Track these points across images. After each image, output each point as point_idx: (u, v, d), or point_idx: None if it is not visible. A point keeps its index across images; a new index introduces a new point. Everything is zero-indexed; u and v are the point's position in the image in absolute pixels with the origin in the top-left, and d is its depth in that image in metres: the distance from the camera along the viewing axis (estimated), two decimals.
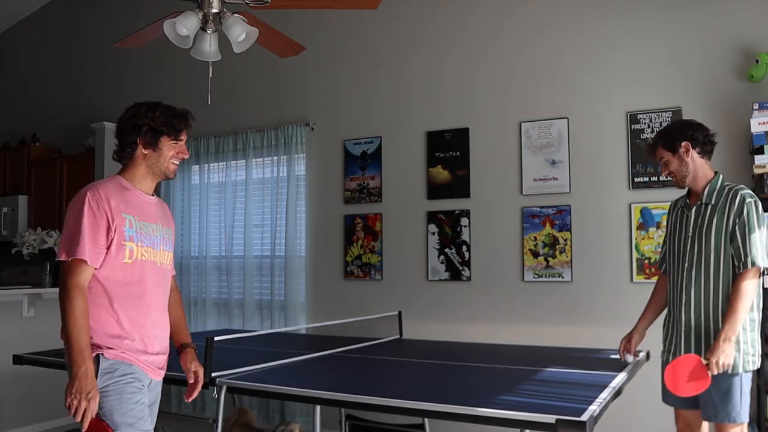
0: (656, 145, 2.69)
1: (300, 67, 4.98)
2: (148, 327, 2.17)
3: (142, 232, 2.16)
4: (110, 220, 2.05)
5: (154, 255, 2.20)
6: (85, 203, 2.04)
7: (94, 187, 2.09)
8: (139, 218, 2.15)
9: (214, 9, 3.08)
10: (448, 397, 2.22)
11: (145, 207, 2.21)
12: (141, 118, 2.15)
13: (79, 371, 1.96)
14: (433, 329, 4.27)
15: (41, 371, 4.04)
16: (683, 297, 2.59)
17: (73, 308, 2.03)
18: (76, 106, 6.28)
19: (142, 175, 2.21)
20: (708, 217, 2.56)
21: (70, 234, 2.03)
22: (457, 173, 4.44)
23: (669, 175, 2.67)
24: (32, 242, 5.13)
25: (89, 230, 2.02)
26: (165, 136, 2.18)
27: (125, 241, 2.09)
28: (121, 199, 2.12)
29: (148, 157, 2.19)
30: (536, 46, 4.24)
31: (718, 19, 3.73)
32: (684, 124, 2.70)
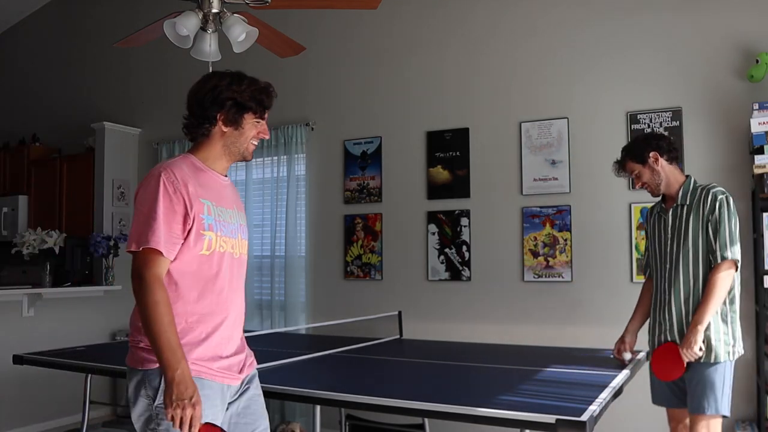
0: (624, 160, 2.79)
1: (300, 67, 4.98)
2: (225, 328, 1.90)
3: (220, 219, 1.90)
4: (188, 206, 1.80)
5: (233, 245, 1.95)
6: (160, 186, 1.77)
7: (168, 168, 1.81)
8: (217, 203, 1.90)
9: (214, 9, 3.08)
10: (448, 397, 2.22)
11: (221, 190, 1.96)
12: (225, 90, 1.88)
13: (175, 375, 1.71)
14: (433, 329, 4.27)
15: (41, 371, 4.04)
16: (666, 297, 2.68)
17: (156, 302, 1.75)
18: (76, 106, 6.28)
19: (217, 155, 1.96)
20: (684, 218, 2.66)
21: (143, 221, 1.77)
22: (457, 173, 4.44)
23: (643, 186, 2.77)
24: (32, 242, 5.13)
25: (165, 217, 1.76)
26: (250, 113, 1.93)
27: (204, 230, 1.83)
28: (197, 181, 1.86)
29: (227, 136, 1.93)
30: (536, 46, 4.23)
31: (718, 19, 3.73)
32: (647, 137, 2.82)
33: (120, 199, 5.72)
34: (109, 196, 5.64)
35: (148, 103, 5.89)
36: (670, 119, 3.80)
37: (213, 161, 1.96)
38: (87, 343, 4.50)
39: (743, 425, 3.44)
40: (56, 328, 5.03)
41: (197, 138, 1.95)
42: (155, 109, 5.84)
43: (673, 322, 2.64)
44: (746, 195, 3.58)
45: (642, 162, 2.72)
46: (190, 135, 1.96)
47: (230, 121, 1.91)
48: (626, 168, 2.79)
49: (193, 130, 1.94)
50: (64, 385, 4.84)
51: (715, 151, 3.72)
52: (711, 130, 3.73)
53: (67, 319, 5.15)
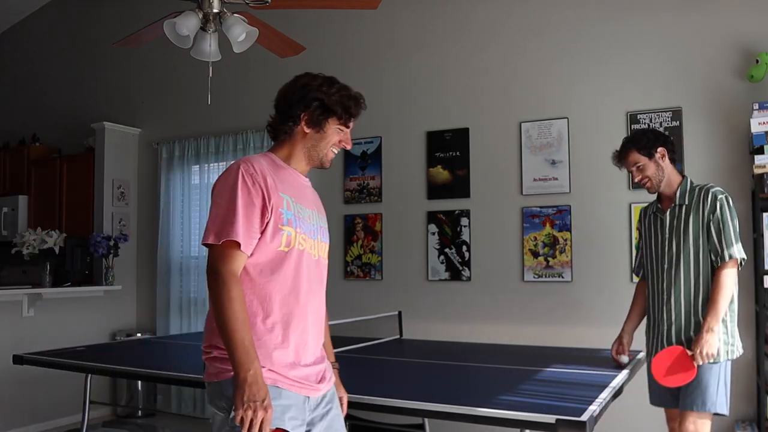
0: (628, 150, 2.72)
1: (300, 67, 4.91)
2: (302, 332, 1.78)
3: (300, 216, 1.80)
4: (267, 198, 1.71)
5: (312, 245, 1.84)
6: (239, 178, 1.70)
7: (248, 161, 1.75)
8: (296, 200, 1.81)
9: (214, 9, 3.08)
10: (448, 397, 2.22)
11: (301, 189, 1.88)
12: (314, 90, 1.83)
13: (248, 375, 1.59)
14: (433, 329, 4.27)
15: (41, 371, 4.04)
16: (664, 297, 2.66)
17: (231, 299, 1.63)
18: (76, 106, 6.28)
19: (297, 157, 1.88)
20: (684, 218, 2.64)
21: (222, 214, 1.69)
22: (457, 173, 4.44)
23: (644, 180, 2.71)
24: (32, 242, 5.13)
25: (243, 210, 1.68)
26: (334, 118, 1.85)
27: (283, 225, 1.73)
28: (276, 176, 1.78)
29: (309, 138, 1.86)
30: (536, 46, 4.23)
31: (718, 19, 3.73)
32: (656, 131, 2.79)
33: (120, 199, 5.72)
34: (109, 196, 5.64)
35: (148, 103, 5.89)
36: (670, 119, 3.80)
37: (292, 162, 1.88)
38: (87, 343, 4.50)
39: (743, 425, 3.44)
40: (56, 328, 5.03)
41: (279, 136, 1.89)
42: (155, 109, 5.84)
43: (672, 322, 2.62)
44: (746, 195, 3.58)
45: (649, 155, 2.67)
46: (272, 133, 1.90)
47: (313, 122, 1.84)
48: (629, 159, 2.72)
49: (275, 129, 1.88)
50: (64, 385, 4.84)
51: (715, 151, 3.72)
52: (711, 130, 3.73)
53: (67, 319, 5.15)
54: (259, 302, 1.72)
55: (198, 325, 5.32)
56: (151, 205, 5.77)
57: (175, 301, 5.45)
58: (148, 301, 5.71)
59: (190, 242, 5.45)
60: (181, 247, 5.50)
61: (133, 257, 5.80)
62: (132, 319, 5.77)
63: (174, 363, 3.51)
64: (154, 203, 5.71)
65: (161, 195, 5.59)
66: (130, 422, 5.35)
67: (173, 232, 5.51)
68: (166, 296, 5.48)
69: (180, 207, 5.54)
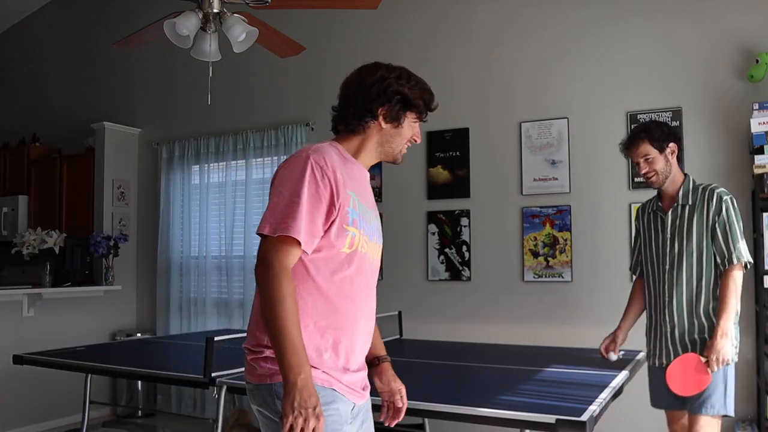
0: (641, 140, 2.62)
1: (300, 67, 4.98)
2: (353, 337, 1.66)
3: (364, 216, 1.68)
4: (335, 195, 1.58)
5: (371, 248, 1.72)
6: (308, 169, 1.55)
7: (318, 151, 1.60)
8: (361, 199, 1.69)
9: (214, 9, 3.08)
10: (448, 397, 2.22)
11: (365, 186, 1.78)
12: (394, 83, 1.70)
13: (298, 379, 1.45)
14: (433, 329, 4.27)
15: (41, 371, 4.04)
16: (666, 299, 2.62)
17: (283, 295, 1.49)
18: (76, 106, 6.28)
19: (368, 151, 1.77)
20: (687, 218, 2.60)
21: (283, 205, 1.54)
22: (457, 173, 4.44)
23: (650, 173, 2.63)
24: (32, 242, 5.13)
25: (309, 205, 1.54)
26: (413, 112, 1.77)
27: (348, 225, 1.61)
28: (345, 170, 1.65)
29: (385, 133, 1.75)
30: (536, 46, 4.23)
31: (718, 19, 3.73)
32: (669, 127, 2.72)
33: (120, 199, 5.72)
34: (109, 196, 5.64)
35: (148, 103, 5.89)
36: (670, 119, 3.80)
37: (361, 156, 1.76)
38: (87, 343, 4.50)
39: (743, 425, 3.44)
40: (56, 328, 5.03)
41: (349, 128, 1.75)
42: (155, 109, 5.84)
43: (675, 324, 2.59)
44: (746, 195, 3.58)
45: (660, 148, 2.60)
46: (344, 125, 1.76)
47: (392, 117, 1.73)
48: (639, 149, 2.62)
49: (347, 122, 1.74)
50: (64, 385, 4.84)
51: (715, 151, 3.72)
52: (711, 130, 3.73)
53: (67, 319, 5.15)
54: (313, 302, 1.59)
55: (198, 325, 5.32)
56: (151, 205, 5.77)
57: (175, 301, 5.45)
58: (148, 301, 5.71)
59: (190, 242, 5.45)
60: (181, 247, 5.50)
61: (133, 257, 5.80)
62: (132, 319, 5.77)
63: (174, 363, 3.51)
64: (154, 203, 5.71)
65: (161, 195, 5.59)
66: (130, 422, 5.35)
67: (173, 232, 5.51)
68: (166, 296, 5.48)
69: (180, 207, 5.54)
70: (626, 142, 2.70)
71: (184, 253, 5.48)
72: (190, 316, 5.39)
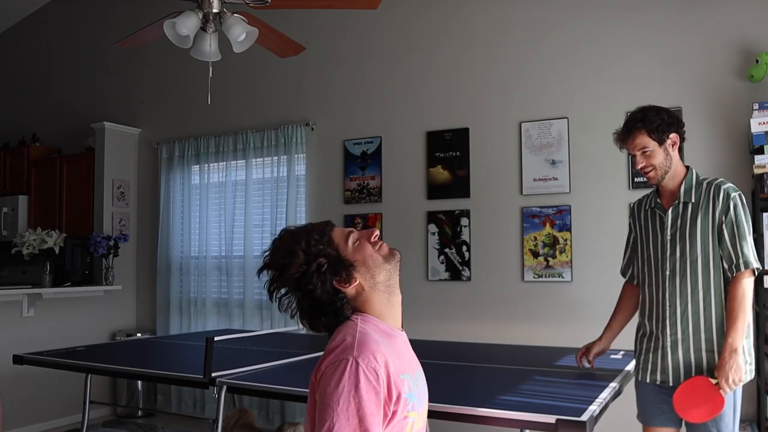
0: (638, 131, 2.31)
1: (300, 67, 4.98)
2: None
3: (418, 390, 1.51)
4: (392, 395, 1.41)
5: (422, 417, 1.54)
6: (360, 380, 1.35)
7: (365, 349, 1.40)
8: (412, 373, 1.51)
9: (214, 9, 3.08)
10: (448, 397, 2.22)
11: (408, 352, 1.61)
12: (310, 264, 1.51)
13: None
14: (433, 329, 4.26)
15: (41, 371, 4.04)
16: (667, 309, 2.31)
17: None
18: (76, 106, 6.28)
19: (382, 306, 1.60)
20: (690, 218, 2.29)
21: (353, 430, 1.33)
22: (457, 173, 4.44)
23: (647, 168, 2.34)
24: (32, 242, 5.13)
25: (375, 421, 1.35)
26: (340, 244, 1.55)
27: (409, 411, 1.44)
28: (393, 354, 1.47)
29: (362, 278, 1.55)
30: (536, 46, 4.23)
31: (718, 19, 3.73)
32: (671, 114, 2.35)
33: (120, 199, 5.73)
34: (109, 196, 5.64)
35: (148, 103, 5.89)
36: None
37: (384, 316, 1.57)
38: (87, 343, 4.50)
39: (743, 425, 3.44)
40: (56, 328, 5.03)
41: (350, 315, 1.53)
42: (155, 109, 5.84)
43: (678, 338, 2.28)
44: (746, 195, 3.57)
45: (659, 140, 2.29)
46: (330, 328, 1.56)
47: (346, 277, 1.51)
48: (635, 141, 2.32)
49: (336, 320, 1.54)
50: (64, 385, 4.84)
51: (715, 151, 3.72)
52: (711, 130, 3.73)
53: (67, 319, 5.15)
54: None
55: (198, 325, 5.32)
56: (151, 205, 5.77)
57: (175, 301, 5.45)
58: (148, 301, 5.71)
59: (189, 242, 5.45)
60: (181, 247, 5.50)
61: (133, 257, 5.80)
62: (132, 319, 5.77)
63: (174, 363, 3.51)
64: (154, 203, 5.71)
65: (161, 195, 5.59)
66: (130, 422, 5.35)
67: (173, 232, 5.51)
68: (166, 296, 5.48)
69: (180, 207, 5.54)
70: (621, 132, 2.38)
71: (184, 253, 5.48)
72: (190, 316, 5.39)
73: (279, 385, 2.49)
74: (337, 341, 1.46)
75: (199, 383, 2.67)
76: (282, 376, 2.69)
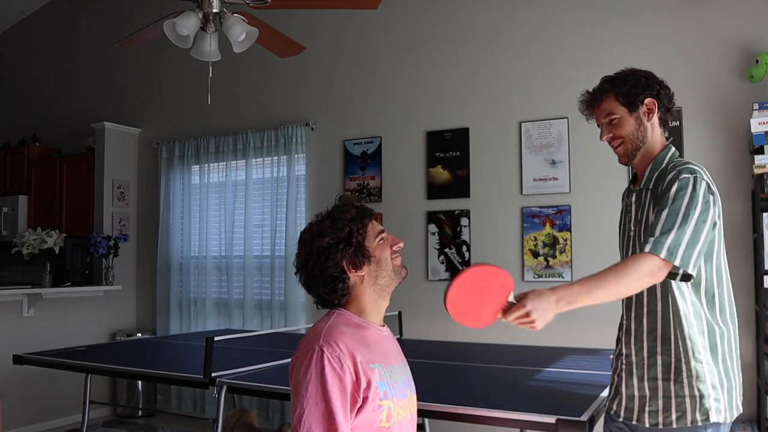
0: (605, 94, 1.88)
1: (299, 67, 4.98)
2: None
3: (393, 382, 1.58)
4: (358, 382, 1.49)
5: (405, 409, 1.62)
6: (325, 367, 1.46)
7: (330, 339, 1.50)
8: (385, 364, 1.59)
9: (214, 9, 3.08)
10: (448, 397, 2.22)
11: (384, 345, 1.66)
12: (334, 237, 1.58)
13: None
14: (433, 329, 4.26)
15: (41, 371, 4.04)
16: (623, 321, 1.90)
17: None
18: (76, 106, 6.28)
19: (370, 304, 1.64)
20: (647, 208, 1.79)
21: (320, 414, 1.45)
22: (457, 173, 4.44)
23: (616, 141, 1.89)
24: (32, 242, 5.13)
25: (342, 408, 1.45)
26: (368, 239, 1.62)
27: (381, 399, 1.52)
28: (362, 345, 1.55)
29: (368, 275, 1.62)
30: (536, 47, 4.23)
31: (718, 19, 3.73)
32: (649, 76, 1.94)
33: (120, 199, 5.73)
34: (109, 196, 5.64)
35: (148, 103, 5.89)
36: (670, 119, 3.80)
37: (366, 314, 1.63)
38: (87, 343, 4.50)
39: (743, 425, 3.44)
40: (56, 328, 5.03)
41: (341, 301, 1.61)
42: (155, 109, 5.84)
43: (632, 349, 1.81)
44: (746, 195, 3.58)
45: (630, 105, 1.85)
46: (326, 303, 1.63)
47: (356, 263, 1.58)
48: (602, 105, 1.89)
49: (329, 299, 1.62)
50: (64, 385, 4.84)
51: (715, 151, 3.72)
52: (711, 130, 3.73)
53: (67, 319, 5.15)
54: None
55: (198, 325, 5.32)
56: (151, 205, 5.77)
57: (175, 301, 5.45)
58: (148, 301, 5.71)
59: (189, 242, 5.45)
60: (181, 247, 5.50)
61: (133, 257, 5.80)
62: (132, 319, 5.77)
63: (174, 363, 3.51)
64: (154, 203, 5.72)
65: (161, 195, 5.59)
66: (130, 422, 5.35)
67: (173, 232, 5.51)
68: (166, 296, 5.48)
69: (180, 207, 5.54)
70: (587, 95, 1.94)
71: (184, 253, 5.48)
72: (190, 316, 5.39)
73: (279, 385, 2.49)
74: (308, 334, 1.56)
75: (199, 383, 2.67)
76: (282, 376, 2.69)
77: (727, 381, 1.71)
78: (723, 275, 1.76)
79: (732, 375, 1.73)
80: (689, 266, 1.61)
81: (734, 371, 1.74)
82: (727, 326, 1.74)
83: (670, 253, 1.60)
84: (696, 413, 1.66)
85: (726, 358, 1.72)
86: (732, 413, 1.70)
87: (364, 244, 1.59)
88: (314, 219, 1.64)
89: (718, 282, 1.74)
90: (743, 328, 3.52)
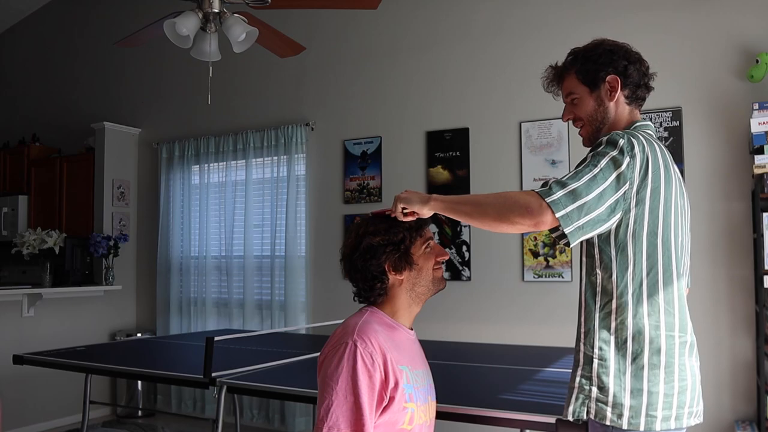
0: (568, 71, 1.76)
1: (299, 66, 4.98)
2: None
3: (418, 385, 1.60)
4: (387, 382, 1.51)
5: (426, 414, 1.63)
6: (357, 363, 1.47)
7: (363, 335, 1.51)
8: (412, 367, 1.61)
9: (214, 9, 3.08)
10: (448, 397, 2.22)
11: (412, 349, 1.70)
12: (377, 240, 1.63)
13: None
14: (433, 329, 4.27)
15: (41, 371, 4.04)
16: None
17: None
18: (76, 106, 6.28)
19: (404, 308, 1.68)
20: None
21: (348, 408, 1.46)
22: (457, 173, 4.44)
23: (578, 122, 1.73)
24: (32, 242, 5.14)
25: (369, 406, 1.46)
26: (416, 245, 1.66)
27: (406, 402, 1.53)
28: (393, 344, 1.57)
29: (407, 281, 1.66)
30: (536, 46, 4.23)
31: (718, 19, 3.73)
32: (615, 49, 1.76)
33: (120, 199, 5.73)
34: (109, 196, 5.64)
35: (148, 103, 5.89)
36: (670, 119, 3.80)
37: (398, 316, 1.67)
38: (87, 343, 4.51)
39: (743, 425, 3.44)
40: (56, 328, 5.03)
41: (376, 299, 1.66)
42: (155, 109, 5.84)
43: (579, 362, 1.70)
44: (746, 195, 3.58)
45: (591, 84, 1.70)
46: (364, 299, 1.68)
47: (398, 267, 1.62)
48: (564, 84, 1.77)
49: (367, 295, 1.66)
50: (64, 385, 4.85)
51: (715, 151, 3.72)
52: (711, 130, 3.73)
53: (67, 319, 5.15)
54: None
55: (198, 325, 5.32)
56: (151, 205, 5.77)
57: (175, 301, 5.45)
58: (148, 301, 5.71)
59: (189, 242, 5.45)
60: (181, 247, 5.50)
61: (133, 257, 5.80)
62: (132, 319, 5.78)
63: (174, 363, 3.51)
64: (154, 203, 5.72)
65: (161, 195, 5.59)
66: (130, 422, 5.35)
67: (173, 232, 5.51)
68: (166, 296, 5.48)
69: (180, 207, 5.54)
70: (551, 72, 1.82)
71: (183, 253, 5.48)
72: (190, 316, 5.39)
73: (279, 385, 2.49)
74: (340, 328, 1.57)
75: (199, 383, 2.67)
76: (282, 376, 2.69)
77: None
78: (659, 262, 1.52)
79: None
80: (560, 210, 1.42)
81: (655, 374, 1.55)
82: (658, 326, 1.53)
83: (550, 191, 1.44)
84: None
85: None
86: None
87: (411, 250, 1.62)
88: (376, 212, 1.68)
89: (649, 267, 1.51)
90: (744, 328, 3.52)
